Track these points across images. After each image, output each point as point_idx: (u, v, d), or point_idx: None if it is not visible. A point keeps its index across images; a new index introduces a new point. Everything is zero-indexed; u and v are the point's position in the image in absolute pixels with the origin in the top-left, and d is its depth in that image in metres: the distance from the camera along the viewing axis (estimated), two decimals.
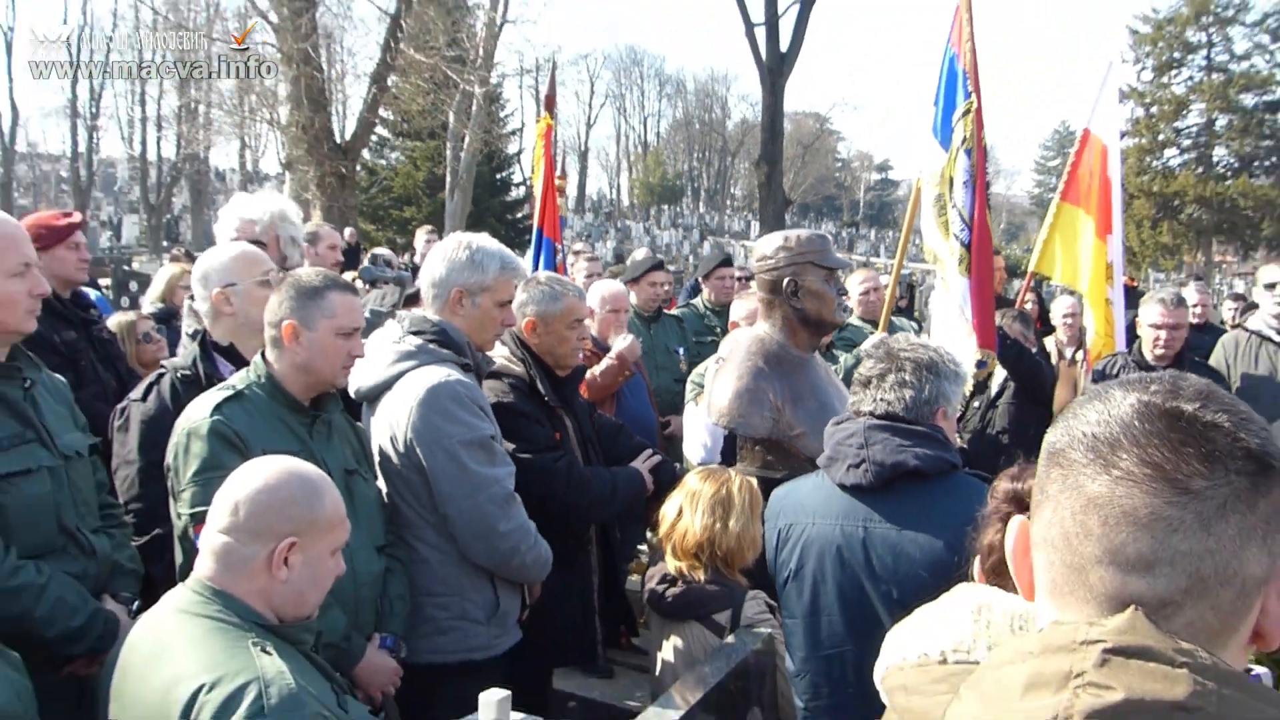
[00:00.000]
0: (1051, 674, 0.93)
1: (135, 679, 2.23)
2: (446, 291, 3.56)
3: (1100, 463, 0.99)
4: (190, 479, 2.94)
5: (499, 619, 3.51)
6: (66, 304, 4.47)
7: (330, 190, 19.28)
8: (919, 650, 1.41)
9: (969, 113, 5.00)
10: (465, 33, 22.02)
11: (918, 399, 2.95)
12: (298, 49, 18.49)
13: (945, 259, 5.15)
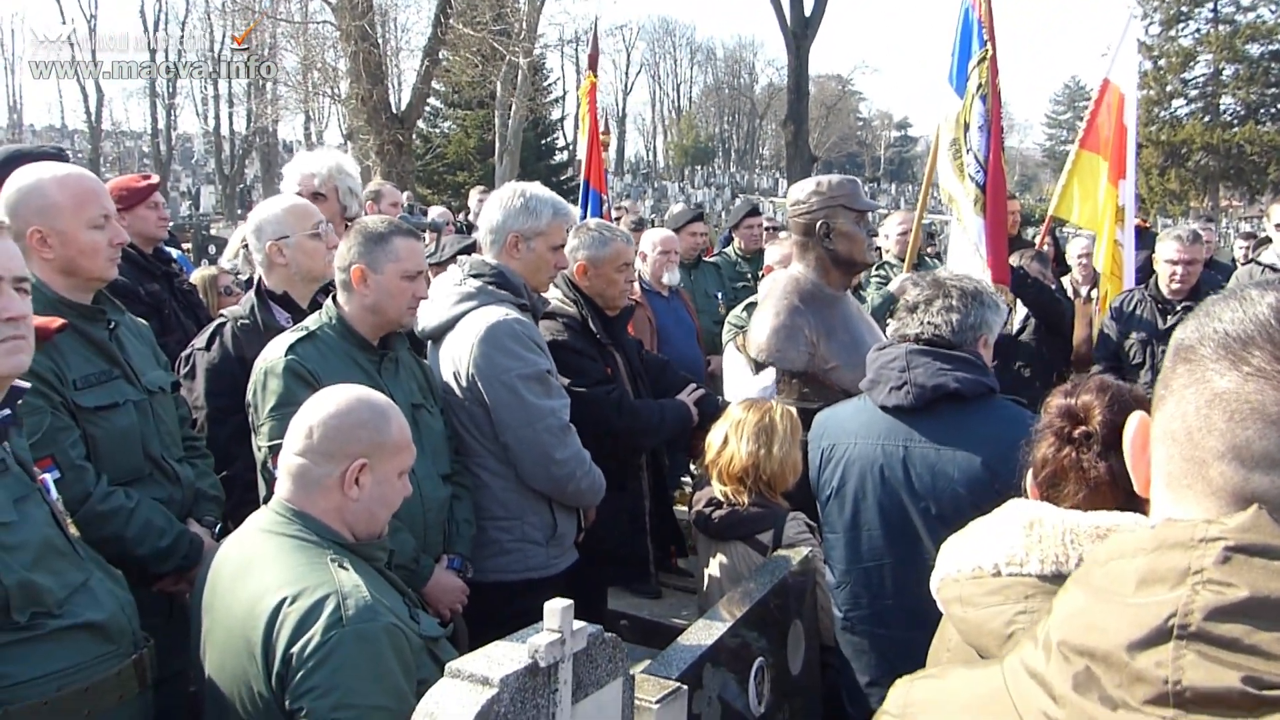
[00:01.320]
0: (1167, 570, 0.86)
1: (224, 593, 2.24)
2: (503, 237, 3.53)
3: (1230, 359, 0.91)
4: (268, 414, 2.94)
5: (557, 540, 3.52)
6: (149, 259, 4.50)
7: (389, 157, 19.25)
8: (973, 563, 1.36)
9: (984, 60, 4.89)
10: (510, 7, 21.81)
11: (963, 323, 2.89)
12: (355, 26, 18.39)
13: (961, 200, 5.07)
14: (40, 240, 2.69)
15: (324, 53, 23.89)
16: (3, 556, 2.02)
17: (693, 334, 6.18)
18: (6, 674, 2.03)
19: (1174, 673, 0.81)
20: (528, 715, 1.94)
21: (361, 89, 18.86)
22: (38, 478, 2.25)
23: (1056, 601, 0.96)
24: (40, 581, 2.07)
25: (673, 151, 72.14)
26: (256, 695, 2.11)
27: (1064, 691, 0.88)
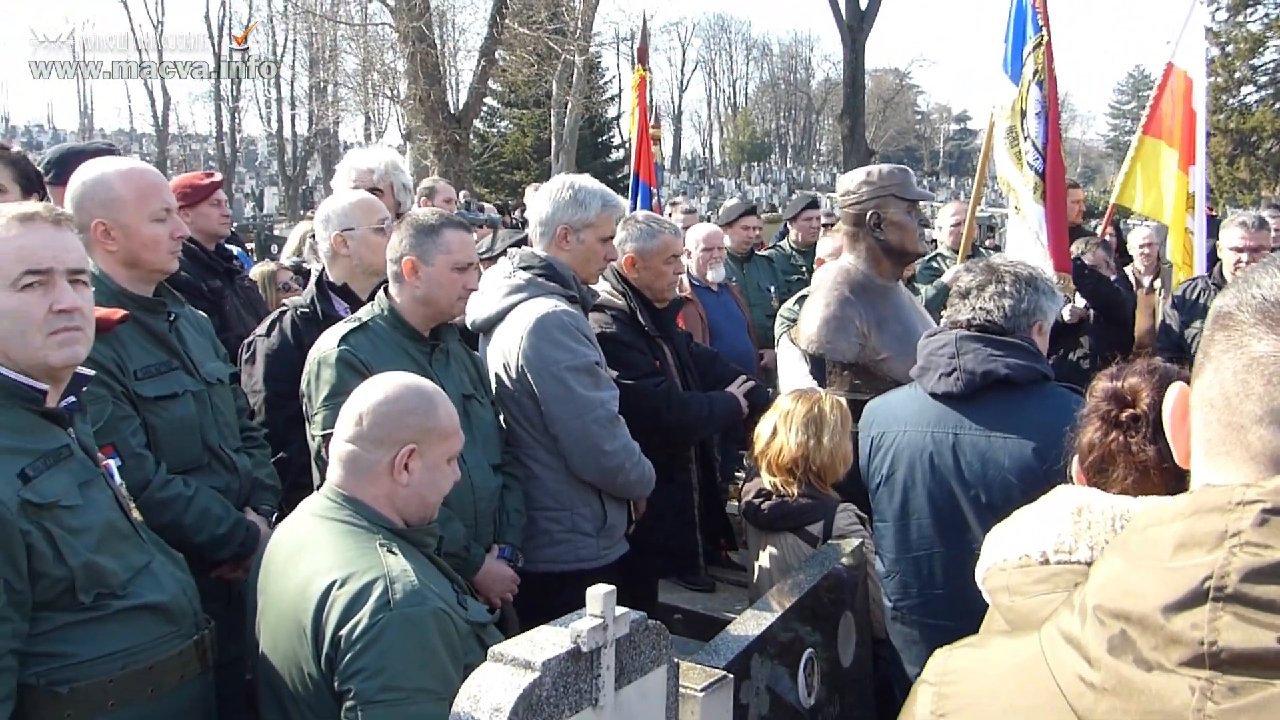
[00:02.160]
0: (1205, 533, 0.85)
1: (277, 575, 2.30)
2: (553, 229, 3.55)
3: (1268, 323, 0.90)
4: (321, 403, 3.00)
5: (607, 531, 3.53)
6: (212, 255, 4.60)
7: (446, 157, 19.47)
8: (1020, 551, 1.34)
9: (1040, 46, 4.81)
10: (565, 6, 21.93)
11: (1016, 309, 2.85)
12: (413, 28, 18.64)
13: (1019, 188, 4.99)
14: (104, 233, 2.76)
15: (383, 55, 24.19)
16: (68, 539, 2.08)
17: (744, 327, 6.18)
18: (73, 652, 2.09)
19: (1209, 634, 0.81)
20: (570, 700, 1.95)
21: (419, 89, 19.10)
22: (101, 463, 2.32)
23: (1094, 569, 0.95)
24: (104, 563, 2.13)
25: (729, 148, 71.90)
26: (307, 676, 2.16)
27: (1099, 654, 0.88)
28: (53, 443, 2.16)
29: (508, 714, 1.81)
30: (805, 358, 4.30)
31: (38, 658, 2.06)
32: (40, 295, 2.14)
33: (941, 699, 1.07)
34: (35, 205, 2.29)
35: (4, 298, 2.12)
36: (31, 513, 2.03)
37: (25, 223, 2.16)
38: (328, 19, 26.08)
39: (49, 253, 2.17)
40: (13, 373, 2.13)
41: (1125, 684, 0.85)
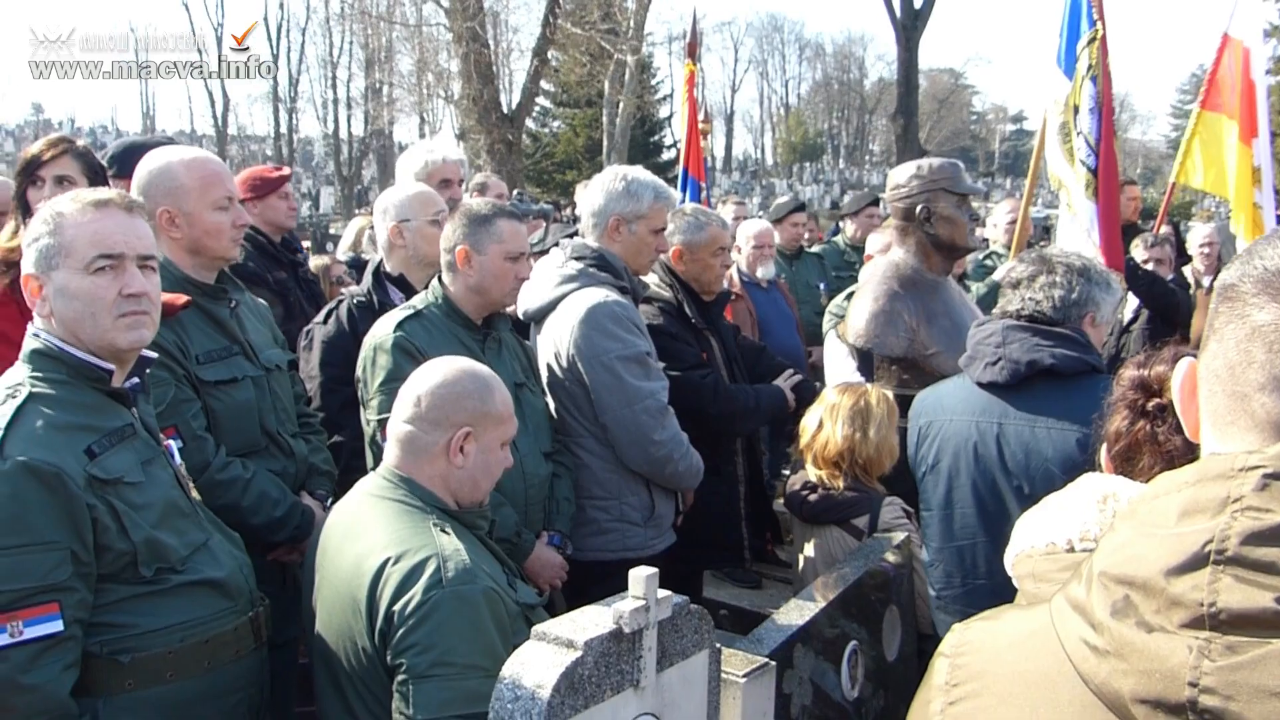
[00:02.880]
0: (1208, 500, 0.87)
1: (333, 553, 2.35)
2: (605, 220, 3.58)
3: (1269, 293, 0.92)
4: (377, 388, 3.05)
5: (655, 521, 3.55)
6: (278, 248, 4.69)
7: (499, 156, 19.62)
8: (1046, 538, 1.36)
9: (1094, 41, 4.74)
10: (618, 6, 21.99)
11: (1066, 299, 2.83)
12: (467, 28, 18.81)
13: (1071, 185, 4.93)
14: (169, 220, 2.83)
15: (437, 55, 24.46)
16: (131, 514, 2.15)
17: (793, 324, 6.17)
18: (134, 624, 2.16)
19: (1209, 595, 0.83)
20: (612, 680, 1.97)
21: (473, 89, 19.28)
22: (163, 443, 2.39)
23: (1103, 539, 0.97)
24: (165, 539, 2.20)
25: (780, 148, 71.61)
26: (360, 650, 2.21)
27: (1102, 618, 0.90)
28: (117, 421, 2.23)
29: (549, 691, 1.84)
30: (853, 353, 4.30)
31: (102, 628, 2.13)
32: (111, 279, 2.21)
33: (956, 669, 1.10)
34: (109, 191, 2.36)
35: (76, 280, 2.19)
36: (97, 487, 2.10)
37: (99, 208, 2.24)
38: (383, 20, 26.40)
39: (121, 238, 2.24)
40: (81, 353, 2.20)
41: (1127, 645, 0.87)
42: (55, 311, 2.21)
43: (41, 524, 2.03)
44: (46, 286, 2.21)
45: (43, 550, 2.03)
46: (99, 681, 2.13)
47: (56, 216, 2.22)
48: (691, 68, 7.56)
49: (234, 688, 2.32)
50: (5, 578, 2.00)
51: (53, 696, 2.03)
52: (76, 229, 2.20)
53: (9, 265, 3.05)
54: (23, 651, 2.01)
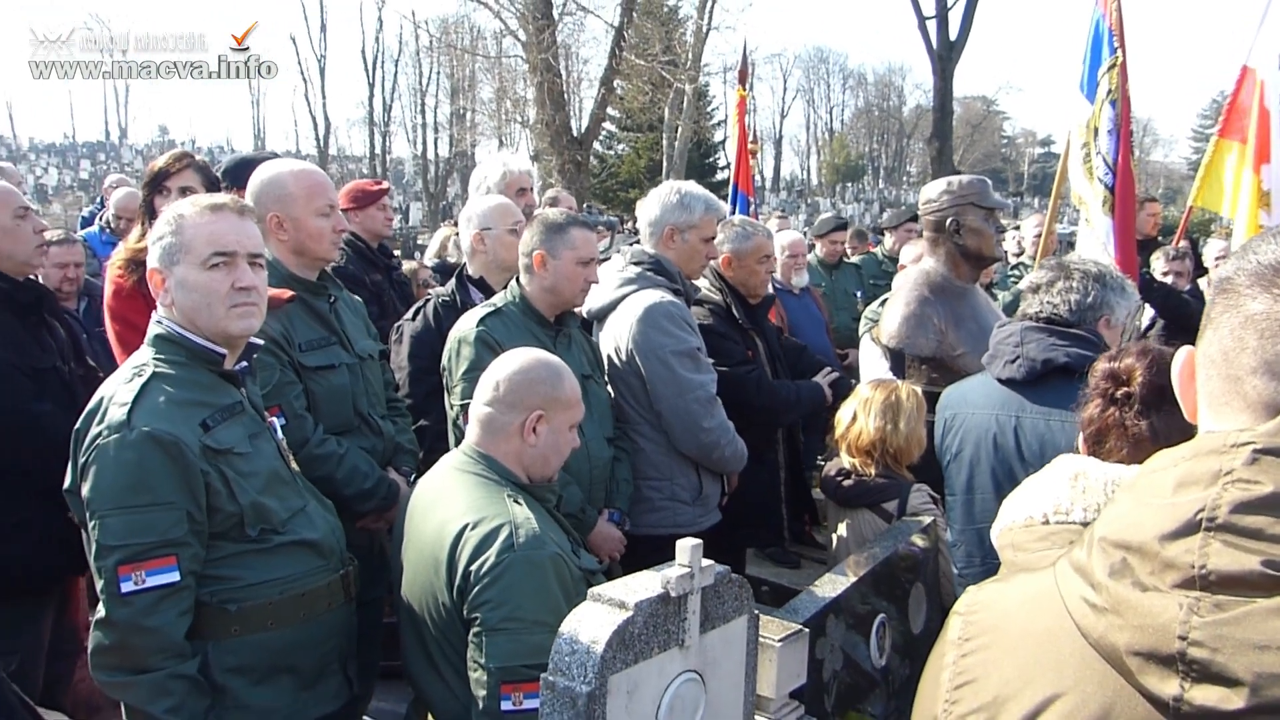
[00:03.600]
0: (1202, 473, 0.87)
1: (419, 519, 2.40)
2: (660, 229, 3.60)
3: (1262, 285, 0.92)
4: (460, 376, 3.10)
5: (702, 500, 3.56)
6: (375, 253, 4.78)
7: (569, 176, 19.70)
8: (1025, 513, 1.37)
9: (1114, 67, 4.65)
10: (677, 40, 22.04)
11: (1081, 303, 2.80)
12: (541, 59, 18.93)
13: (1090, 201, 4.85)
14: (277, 224, 2.89)
15: (515, 84, 24.67)
16: (240, 481, 2.21)
17: (823, 327, 6.14)
18: (240, 577, 2.22)
19: (1200, 559, 0.83)
20: (659, 639, 1.98)
21: (546, 115, 19.38)
22: (267, 419, 2.45)
23: (1105, 508, 0.98)
24: (268, 504, 2.26)
25: (825, 170, 71.02)
26: (441, 605, 2.25)
27: (1101, 579, 0.91)
28: (228, 399, 2.29)
29: (603, 645, 1.85)
30: (885, 355, 4.27)
31: (212, 580, 2.20)
32: (224, 274, 2.28)
33: (968, 625, 1.11)
34: (224, 196, 2.42)
35: (195, 274, 2.26)
36: (210, 456, 2.17)
37: (215, 211, 2.30)
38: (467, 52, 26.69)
39: (234, 238, 2.31)
40: (198, 338, 2.27)
41: (1123, 603, 0.88)
42: (176, 302, 2.28)
43: (162, 487, 2.09)
44: (169, 280, 2.27)
45: (163, 510, 2.09)
46: (209, 627, 2.19)
47: (178, 218, 2.29)
48: (742, 93, 7.56)
49: (326, 637, 2.38)
50: (131, 533, 2.07)
51: (170, 638, 2.10)
52: (195, 230, 2.27)
53: (137, 264, 3.15)
54: (145, 598, 2.08)
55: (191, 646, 2.15)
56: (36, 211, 3.29)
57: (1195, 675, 0.81)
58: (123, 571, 2.07)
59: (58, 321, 3.27)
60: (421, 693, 2.43)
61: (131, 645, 2.08)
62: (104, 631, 2.10)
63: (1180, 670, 0.82)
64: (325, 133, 48.00)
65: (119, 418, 2.11)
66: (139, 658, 2.09)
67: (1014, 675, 1.01)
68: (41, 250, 3.21)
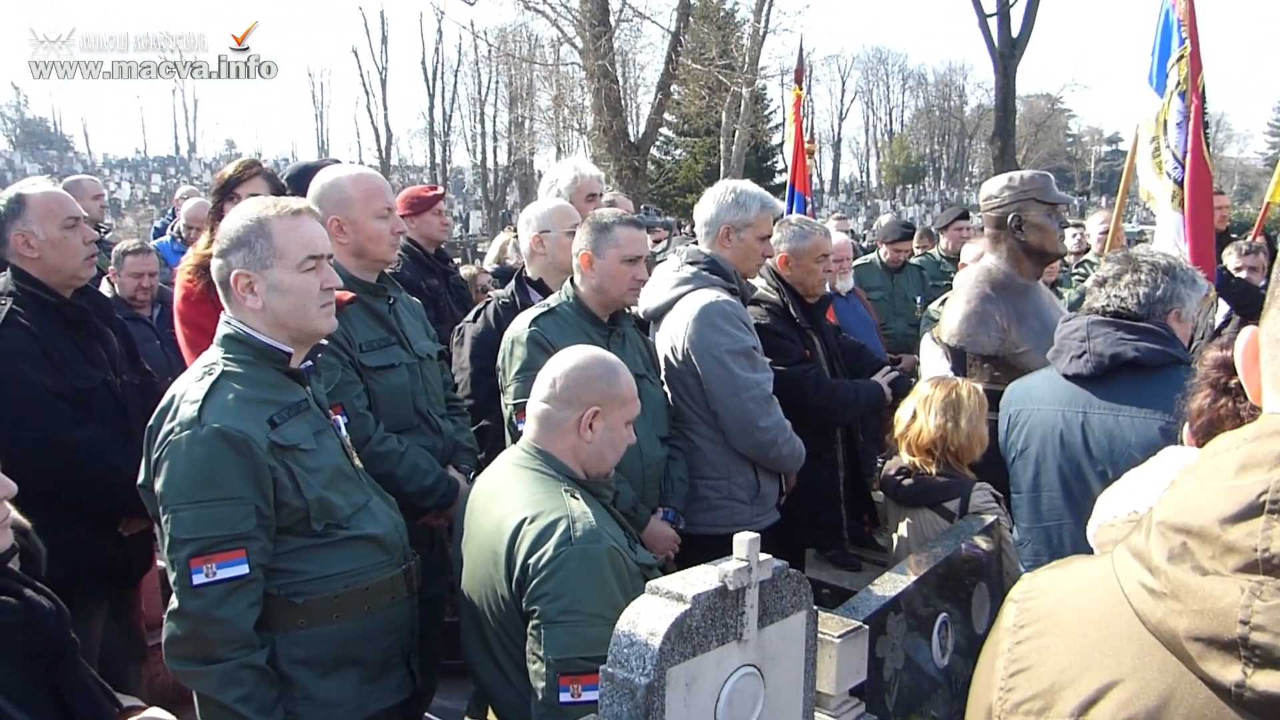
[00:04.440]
0: (1265, 455, 0.85)
1: (479, 513, 2.43)
2: (716, 228, 3.60)
3: None
4: (514, 376, 3.13)
5: (760, 500, 3.55)
6: (431, 258, 4.86)
7: (626, 181, 19.76)
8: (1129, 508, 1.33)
9: (1183, 58, 4.54)
10: (734, 44, 21.98)
11: (1150, 296, 2.73)
12: (598, 66, 19.05)
13: (1159, 196, 4.73)
14: (338, 227, 2.95)
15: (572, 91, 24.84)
16: (305, 476, 2.27)
17: (872, 329, 6.08)
18: (306, 570, 2.28)
19: (1263, 542, 0.81)
20: (717, 632, 1.99)
21: (604, 121, 19.50)
22: (331, 417, 2.51)
23: (1165, 492, 0.96)
24: (333, 499, 2.31)
25: (884, 172, 70.28)
26: (500, 598, 2.28)
27: (1160, 563, 0.89)
28: (294, 397, 2.35)
29: (661, 638, 1.86)
30: (946, 354, 4.21)
31: (279, 573, 2.25)
32: (315, 276, 2.35)
33: (1023, 612, 1.09)
34: (300, 201, 2.48)
35: (290, 277, 2.32)
36: (277, 452, 2.23)
37: (298, 216, 2.37)
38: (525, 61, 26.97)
39: (321, 241, 2.39)
40: (265, 337, 2.33)
41: (1182, 587, 0.86)
42: (268, 304, 2.32)
43: (232, 482, 2.15)
44: (258, 283, 2.31)
45: (233, 504, 2.15)
46: (276, 619, 2.25)
47: (260, 222, 2.33)
48: (798, 92, 7.53)
49: (388, 630, 2.42)
50: (202, 526, 2.14)
51: (239, 629, 2.16)
52: (286, 234, 2.32)
53: (205, 270, 3.24)
54: (216, 589, 2.14)
55: (260, 638, 2.21)
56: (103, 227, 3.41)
57: (1258, 661, 0.79)
58: (194, 564, 2.13)
59: (111, 329, 3.33)
60: (482, 685, 2.46)
61: (203, 636, 2.15)
62: (177, 622, 2.17)
63: (1242, 656, 0.80)
64: (387, 143, 48.88)
65: (190, 415, 2.17)
66: (210, 648, 2.15)
67: (1070, 662, 1.00)
68: (90, 262, 3.20)
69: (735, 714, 2.01)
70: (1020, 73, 25.44)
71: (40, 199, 3.09)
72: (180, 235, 6.70)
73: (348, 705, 2.33)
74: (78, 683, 1.73)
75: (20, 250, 3.06)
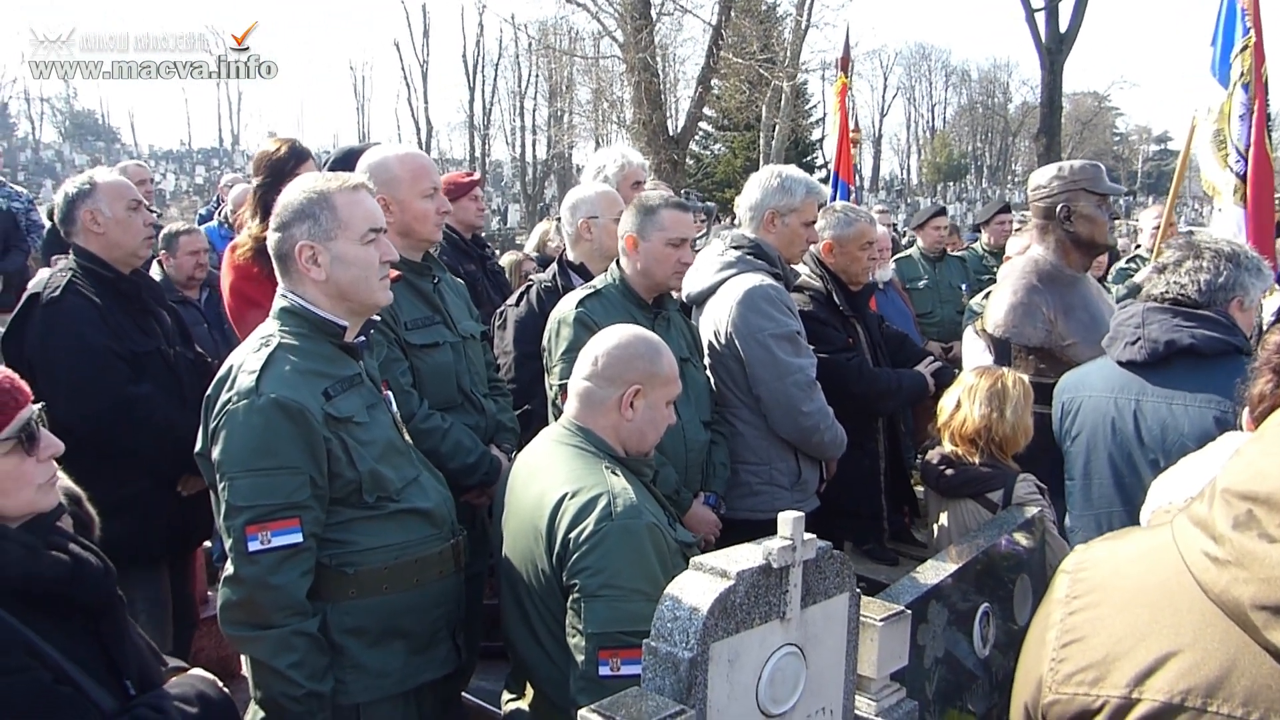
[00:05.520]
0: None
1: (520, 489, 2.46)
2: (761, 213, 3.61)
3: None
4: (559, 356, 3.16)
5: (801, 486, 3.56)
6: (468, 244, 4.90)
7: (665, 175, 19.68)
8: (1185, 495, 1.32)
9: (1247, 48, 4.46)
10: (775, 38, 21.86)
11: (1212, 284, 2.69)
12: (639, 59, 19.03)
13: (1222, 189, 4.65)
14: (384, 206, 2.97)
15: (612, 85, 24.83)
16: (359, 449, 2.31)
17: (909, 320, 6.04)
18: (358, 541, 2.32)
19: None
20: (760, 610, 1.99)
21: (643, 114, 19.46)
22: (383, 391, 2.55)
23: (1228, 461, 0.95)
24: (384, 472, 2.35)
25: (925, 169, 69.58)
26: (540, 571, 2.31)
27: (1224, 531, 0.88)
28: (348, 370, 2.39)
29: (704, 613, 1.87)
30: (989, 346, 4.17)
31: (331, 544, 2.30)
32: (375, 249, 2.39)
33: (1076, 583, 1.09)
34: (358, 176, 2.53)
35: (353, 249, 2.37)
36: (332, 424, 2.27)
37: (357, 191, 2.41)
38: (566, 54, 27.01)
39: (379, 215, 2.44)
40: (321, 310, 2.38)
41: (1248, 555, 0.85)
42: (331, 276, 2.36)
43: (288, 451, 2.20)
44: (322, 255, 2.36)
45: (288, 473, 2.20)
46: (328, 589, 2.29)
47: (324, 195, 2.37)
48: (844, 80, 7.49)
49: (436, 603, 2.46)
50: (258, 494, 2.19)
51: (293, 596, 2.21)
52: (350, 207, 2.37)
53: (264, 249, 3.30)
54: (271, 557, 2.19)
55: (312, 607, 2.25)
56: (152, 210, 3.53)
57: None
58: (250, 531, 2.18)
59: (164, 310, 3.49)
60: (521, 660, 2.50)
61: (257, 601, 2.20)
62: (232, 588, 2.22)
63: None
64: (427, 136, 49.10)
65: (248, 385, 2.22)
66: (264, 614, 2.20)
67: (1126, 632, 0.99)
68: (148, 243, 3.43)
69: (776, 693, 2.02)
70: (1067, 69, 25.07)
71: (109, 182, 3.35)
72: (227, 220, 6.81)
73: (395, 675, 2.37)
74: (123, 638, 1.79)
75: (88, 226, 3.28)
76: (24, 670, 1.53)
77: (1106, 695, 0.98)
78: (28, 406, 1.73)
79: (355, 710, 2.34)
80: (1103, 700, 0.99)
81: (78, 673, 1.64)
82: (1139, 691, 0.95)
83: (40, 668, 1.56)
